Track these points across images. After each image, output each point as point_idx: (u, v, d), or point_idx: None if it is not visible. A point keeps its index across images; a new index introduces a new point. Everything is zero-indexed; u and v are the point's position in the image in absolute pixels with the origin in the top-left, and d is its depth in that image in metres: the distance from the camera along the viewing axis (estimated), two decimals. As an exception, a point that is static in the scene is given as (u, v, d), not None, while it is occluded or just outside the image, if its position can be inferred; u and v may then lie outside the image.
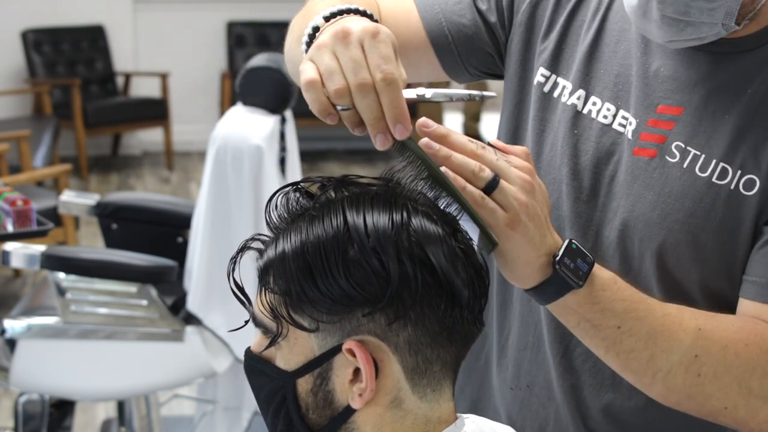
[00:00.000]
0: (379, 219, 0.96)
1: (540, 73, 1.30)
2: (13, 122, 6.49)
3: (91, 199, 3.30)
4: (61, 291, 2.88)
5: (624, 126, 1.23)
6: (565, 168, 1.26)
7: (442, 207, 1.01)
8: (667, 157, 1.19)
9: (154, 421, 3.07)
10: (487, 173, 1.01)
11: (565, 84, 1.28)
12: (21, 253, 2.80)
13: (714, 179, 1.16)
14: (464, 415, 1.05)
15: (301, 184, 1.02)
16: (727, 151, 1.15)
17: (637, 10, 1.15)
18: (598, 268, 1.08)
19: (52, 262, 2.83)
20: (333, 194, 1.00)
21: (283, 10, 7.88)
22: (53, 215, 4.22)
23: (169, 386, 3.01)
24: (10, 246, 2.80)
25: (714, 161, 1.16)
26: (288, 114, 3.19)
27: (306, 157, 6.42)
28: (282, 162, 3.16)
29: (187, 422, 3.57)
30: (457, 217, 1.01)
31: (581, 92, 1.27)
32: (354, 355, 0.96)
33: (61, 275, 2.90)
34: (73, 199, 3.32)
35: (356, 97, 0.99)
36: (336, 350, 0.97)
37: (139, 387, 2.95)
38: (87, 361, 2.87)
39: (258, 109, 3.06)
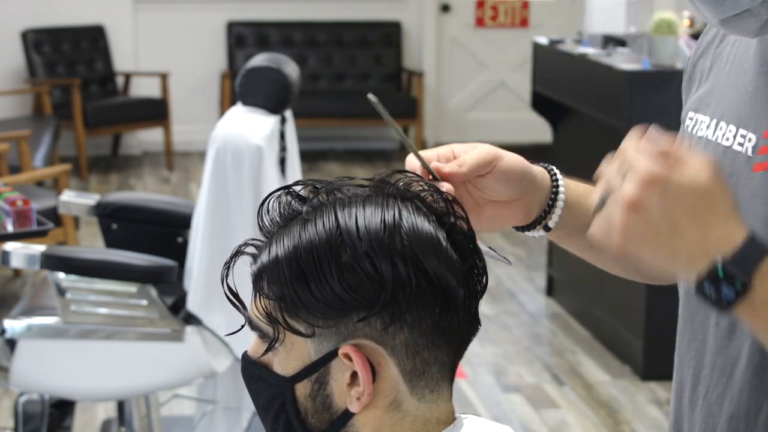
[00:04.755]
0: (371, 222, 0.96)
1: (688, 117, 1.25)
2: (13, 122, 6.49)
3: (91, 199, 3.30)
4: (61, 291, 2.88)
5: (742, 144, 1.15)
6: None
7: None
8: None
9: (154, 421, 3.07)
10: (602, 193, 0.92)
11: (701, 118, 1.22)
12: (21, 253, 2.80)
13: None
14: (463, 415, 1.05)
15: (293, 187, 1.02)
16: None
17: None
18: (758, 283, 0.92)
19: (52, 262, 2.83)
20: (325, 197, 0.99)
21: (283, 10, 7.88)
22: (53, 215, 4.21)
23: (169, 386, 3.01)
24: (10, 246, 2.80)
25: None
26: (288, 114, 3.18)
27: (306, 157, 6.41)
28: (282, 162, 3.16)
29: (187, 422, 3.57)
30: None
31: (707, 119, 1.21)
32: (350, 359, 0.96)
33: (61, 275, 2.90)
34: (73, 199, 3.31)
35: None
36: (333, 355, 0.97)
37: (139, 387, 2.95)
38: (87, 361, 2.87)
39: (258, 109, 3.06)
